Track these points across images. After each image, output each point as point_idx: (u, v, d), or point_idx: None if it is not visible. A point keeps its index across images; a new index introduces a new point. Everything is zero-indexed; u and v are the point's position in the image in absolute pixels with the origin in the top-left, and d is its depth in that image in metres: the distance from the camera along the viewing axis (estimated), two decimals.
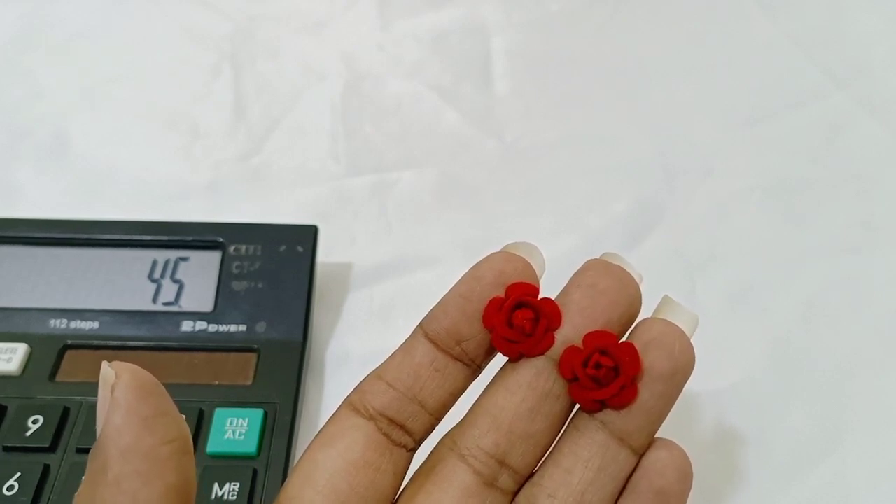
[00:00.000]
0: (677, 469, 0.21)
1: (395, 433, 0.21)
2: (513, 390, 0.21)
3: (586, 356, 0.21)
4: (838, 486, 0.30)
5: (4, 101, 0.44)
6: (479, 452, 0.21)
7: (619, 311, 0.21)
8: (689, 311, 0.22)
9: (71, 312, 0.32)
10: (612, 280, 0.21)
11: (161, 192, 0.40)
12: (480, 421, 0.21)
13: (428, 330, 0.22)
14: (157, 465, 0.18)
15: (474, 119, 0.43)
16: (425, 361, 0.21)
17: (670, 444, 0.21)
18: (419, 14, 0.48)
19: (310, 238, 0.34)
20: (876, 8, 0.48)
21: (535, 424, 0.21)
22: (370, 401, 0.22)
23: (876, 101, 0.43)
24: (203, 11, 0.48)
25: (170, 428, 0.19)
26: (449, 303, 0.22)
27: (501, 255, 0.22)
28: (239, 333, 0.32)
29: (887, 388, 0.33)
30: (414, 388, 0.21)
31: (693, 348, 0.21)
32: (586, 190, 0.40)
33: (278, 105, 0.44)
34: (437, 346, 0.22)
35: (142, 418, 0.18)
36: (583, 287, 0.22)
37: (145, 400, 0.19)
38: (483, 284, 0.21)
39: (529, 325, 0.21)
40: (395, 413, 0.21)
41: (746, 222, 0.39)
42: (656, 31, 0.48)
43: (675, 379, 0.21)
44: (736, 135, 0.42)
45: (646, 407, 0.21)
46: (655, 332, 0.21)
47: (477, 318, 0.21)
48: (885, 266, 0.37)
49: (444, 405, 0.22)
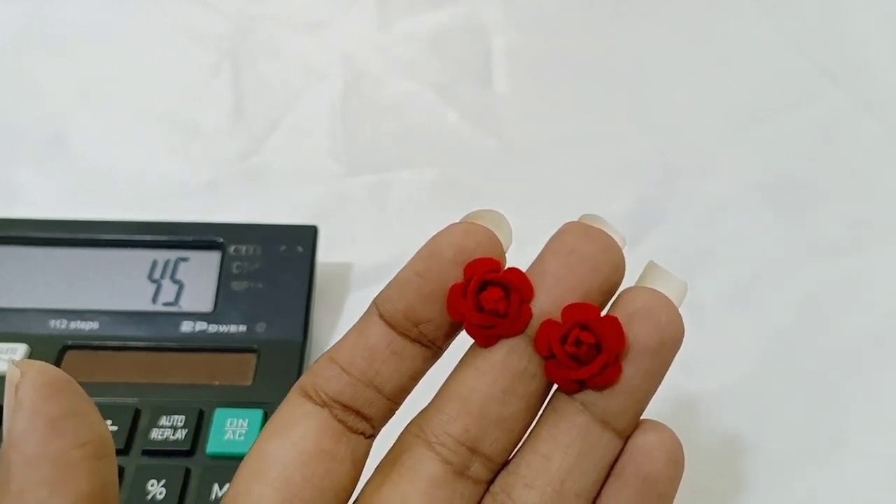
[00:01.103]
0: (666, 452, 0.19)
1: (351, 420, 0.20)
2: (483, 370, 0.19)
3: (565, 331, 0.19)
4: (838, 486, 0.31)
5: (4, 101, 0.44)
6: (448, 439, 0.19)
7: (600, 278, 0.19)
8: (676, 278, 0.20)
9: (71, 313, 0.32)
10: (593, 244, 0.19)
11: (161, 191, 0.40)
12: (448, 405, 0.20)
13: (382, 310, 0.20)
14: (67, 472, 0.17)
15: (474, 119, 0.43)
16: (381, 344, 0.19)
17: (658, 425, 0.20)
18: (419, 14, 0.48)
19: (310, 238, 0.34)
20: (875, 8, 0.48)
21: (508, 407, 0.19)
22: (323, 386, 0.20)
23: (875, 100, 0.43)
24: (203, 11, 0.48)
25: (81, 430, 0.17)
26: (404, 282, 0.20)
27: (461, 227, 0.20)
28: (239, 334, 0.32)
29: (887, 387, 0.33)
30: (369, 372, 0.19)
31: (681, 318, 0.19)
32: (586, 190, 0.40)
33: (278, 105, 0.44)
34: (393, 327, 0.20)
35: (48, 420, 0.17)
36: (560, 253, 0.19)
37: (53, 399, 0.17)
38: (442, 263, 0.19)
39: (502, 305, 0.19)
40: (350, 399, 0.20)
41: (746, 222, 0.39)
42: (656, 31, 0.48)
43: (663, 353, 0.19)
44: (735, 134, 0.42)
45: (630, 385, 0.19)
46: (640, 302, 0.19)
47: (435, 300, 0.19)
48: (885, 266, 0.37)
49: (403, 389, 0.20)
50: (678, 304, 0.19)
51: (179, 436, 0.29)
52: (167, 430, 0.29)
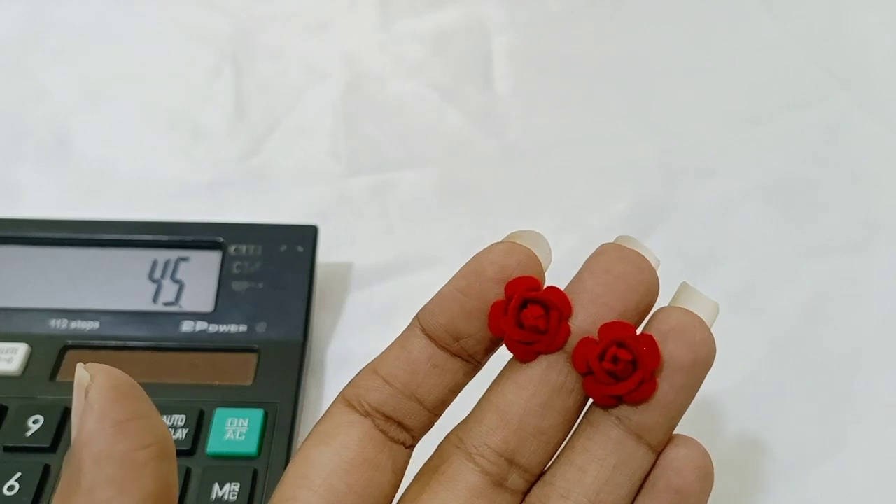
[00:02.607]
0: (697, 468, 0.20)
1: (392, 430, 0.21)
2: (522, 385, 0.20)
3: (602, 349, 0.19)
4: (839, 486, 0.30)
5: (5, 102, 0.44)
6: (487, 451, 0.20)
7: (636, 298, 0.20)
8: (708, 299, 0.21)
9: (71, 312, 0.32)
10: (628, 265, 0.20)
11: (161, 191, 0.40)
12: (488, 417, 0.20)
13: (425, 325, 0.20)
14: (133, 472, 0.18)
15: (475, 119, 0.43)
16: (422, 357, 0.20)
17: (690, 440, 0.20)
18: (420, 14, 0.48)
19: (310, 238, 0.34)
20: (876, 8, 0.47)
21: (546, 420, 0.20)
22: (366, 397, 0.20)
23: (877, 101, 0.43)
24: (204, 11, 0.48)
25: (146, 432, 0.18)
26: (447, 298, 0.20)
27: (503, 246, 0.20)
28: (239, 334, 0.32)
29: (888, 387, 0.33)
30: (411, 384, 0.20)
31: (713, 338, 0.20)
32: (587, 190, 0.40)
33: (279, 105, 0.44)
34: (434, 341, 0.20)
35: (116, 422, 0.18)
36: (597, 273, 0.20)
37: (120, 403, 0.18)
38: (483, 280, 0.20)
39: (542, 322, 0.19)
40: (392, 410, 0.20)
41: (747, 222, 0.39)
42: (657, 30, 0.47)
43: (696, 371, 0.20)
44: (737, 135, 0.42)
45: (665, 401, 0.20)
46: (674, 321, 0.20)
47: (476, 316, 0.20)
48: (886, 266, 0.37)
49: (443, 402, 0.21)
50: (710, 324, 0.20)
51: (180, 435, 0.29)
52: None
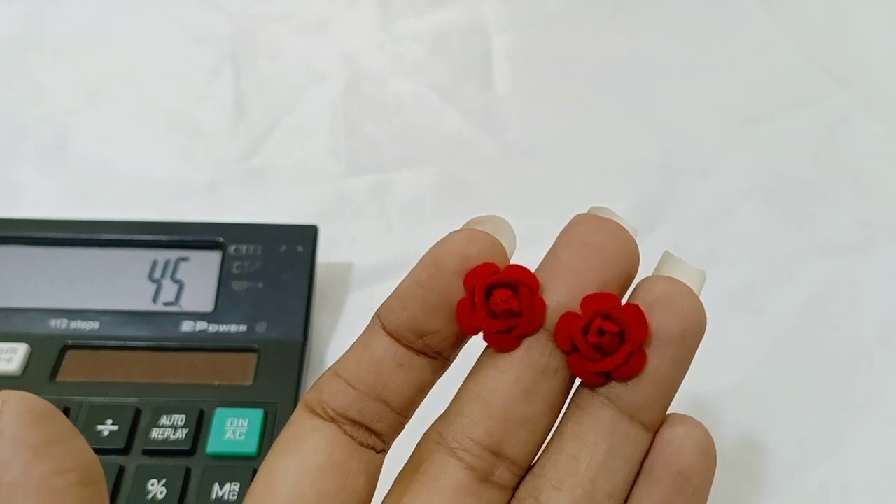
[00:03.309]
0: (698, 447, 0.18)
1: (360, 435, 0.19)
2: (503, 370, 0.19)
3: (586, 322, 0.18)
4: (839, 487, 0.30)
5: (5, 101, 0.44)
6: (471, 444, 0.19)
7: (616, 269, 0.19)
8: (694, 267, 0.19)
9: (71, 312, 0.32)
10: (606, 235, 0.19)
11: (161, 191, 0.40)
12: (469, 408, 0.19)
13: (386, 323, 0.19)
14: (51, 499, 0.16)
15: (475, 119, 0.43)
16: (386, 357, 0.19)
17: (687, 418, 0.19)
18: (420, 14, 0.48)
19: (310, 238, 0.34)
20: (876, 8, 0.48)
21: (531, 407, 0.18)
22: (329, 402, 0.19)
23: (876, 101, 0.43)
24: (203, 11, 0.48)
25: (65, 456, 0.17)
26: (407, 293, 0.19)
27: (463, 234, 0.19)
28: (239, 333, 0.32)
29: (888, 387, 0.33)
30: (376, 386, 0.19)
31: (703, 306, 0.19)
32: (586, 190, 0.40)
33: (279, 105, 0.44)
34: (397, 339, 0.19)
35: (31, 447, 0.16)
36: (573, 245, 0.19)
37: (35, 427, 0.17)
38: (444, 273, 0.19)
39: (514, 303, 0.18)
40: (358, 414, 0.19)
41: (747, 222, 0.39)
42: (656, 30, 0.47)
43: (686, 342, 0.18)
44: (736, 135, 0.42)
45: (656, 376, 0.18)
46: (659, 290, 0.19)
47: (439, 311, 0.19)
48: (886, 266, 0.37)
49: (412, 402, 0.20)
50: (698, 292, 0.19)
51: (180, 435, 0.29)
52: (167, 430, 0.29)
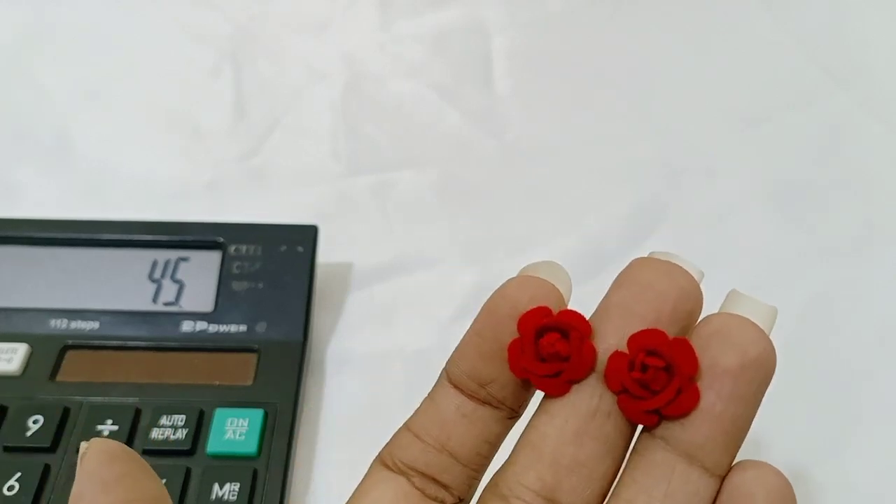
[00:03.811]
0: (770, 491, 0.17)
1: (429, 487, 0.19)
2: (553, 413, 0.18)
3: (631, 359, 0.18)
4: (839, 486, 0.30)
5: (6, 102, 0.44)
6: (523, 490, 0.18)
7: (668, 305, 0.18)
8: (763, 303, 0.18)
9: (71, 312, 0.32)
10: (657, 273, 0.19)
11: (161, 191, 0.40)
12: (520, 455, 0.19)
13: (450, 374, 0.20)
14: None
15: (475, 119, 0.43)
16: (450, 408, 0.19)
17: (759, 463, 0.18)
18: (420, 14, 0.48)
19: (310, 238, 0.34)
20: (876, 8, 0.47)
21: (583, 450, 0.18)
22: (398, 454, 0.20)
23: (877, 101, 0.43)
24: (203, 11, 0.48)
25: (131, 488, 0.18)
26: (466, 343, 0.19)
27: (516, 280, 0.19)
28: (239, 333, 0.32)
29: (888, 387, 0.33)
30: (441, 437, 0.19)
31: (769, 340, 0.18)
32: (586, 190, 0.40)
33: (279, 105, 0.44)
34: (461, 390, 0.19)
35: (102, 481, 0.18)
36: (624, 285, 0.19)
37: (109, 464, 0.18)
38: (498, 318, 0.19)
39: (562, 346, 0.18)
40: (426, 466, 0.19)
41: (747, 223, 0.39)
42: (657, 31, 0.47)
43: (747, 375, 0.17)
44: (737, 135, 0.42)
45: (713, 412, 0.17)
46: (717, 324, 0.18)
47: (496, 358, 0.19)
48: (886, 266, 0.37)
49: (479, 454, 0.19)
50: (767, 329, 0.18)
51: (180, 435, 0.29)
52: (167, 430, 0.29)
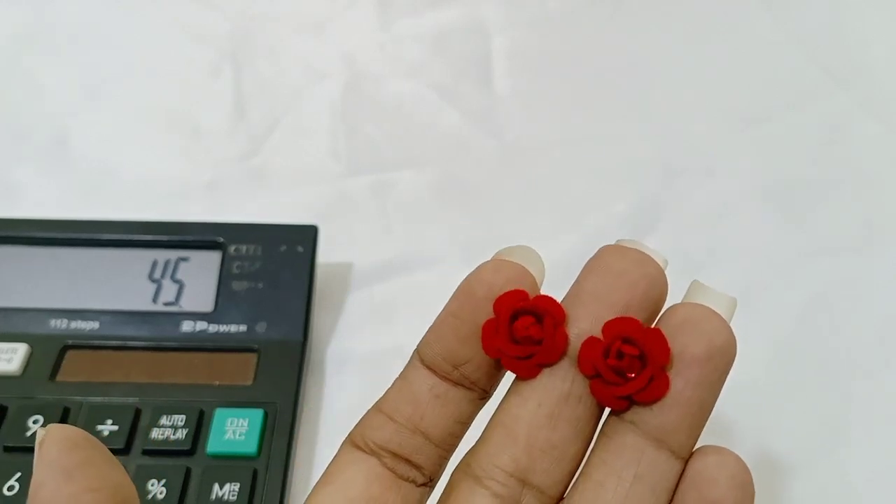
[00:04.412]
0: (731, 476, 0.18)
1: (400, 467, 0.20)
2: (526, 396, 0.19)
3: (606, 345, 0.18)
4: (839, 487, 0.30)
5: (5, 102, 0.44)
6: (496, 471, 0.19)
7: (639, 293, 0.19)
8: (723, 294, 0.19)
9: (71, 312, 0.32)
10: (628, 261, 0.19)
11: (161, 191, 0.40)
12: (493, 436, 0.19)
13: (423, 356, 0.20)
14: None
15: (474, 119, 0.43)
16: (423, 388, 0.20)
17: (720, 448, 0.19)
18: (419, 14, 0.48)
19: (310, 238, 0.34)
20: (876, 8, 0.48)
21: (556, 433, 0.19)
22: (370, 435, 0.20)
23: (876, 101, 0.43)
24: (203, 11, 0.48)
25: (94, 477, 0.18)
26: (441, 324, 0.20)
27: (491, 264, 0.20)
28: (239, 333, 0.32)
29: (888, 387, 0.33)
30: (414, 417, 0.19)
31: (730, 329, 0.19)
32: (586, 190, 0.40)
33: (278, 105, 0.44)
34: (434, 371, 0.20)
35: (64, 469, 0.18)
36: (595, 272, 0.19)
37: (71, 452, 0.18)
38: (474, 300, 0.19)
39: (535, 331, 0.18)
40: (398, 446, 0.20)
41: (746, 222, 0.39)
42: (656, 31, 0.47)
43: (713, 363, 0.18)
44: (736, 135, 0.42)
45: (681, 399, 0.18)
46: (683, 315, 0.19)
47: (471, 339, 0.19)
48: (886, 266, 0.37)
49: (451, 434, 0.20)
50: (727, 318, 0.19)
51: (180, 435, 0.29)
52: (167, 430, 0.29)
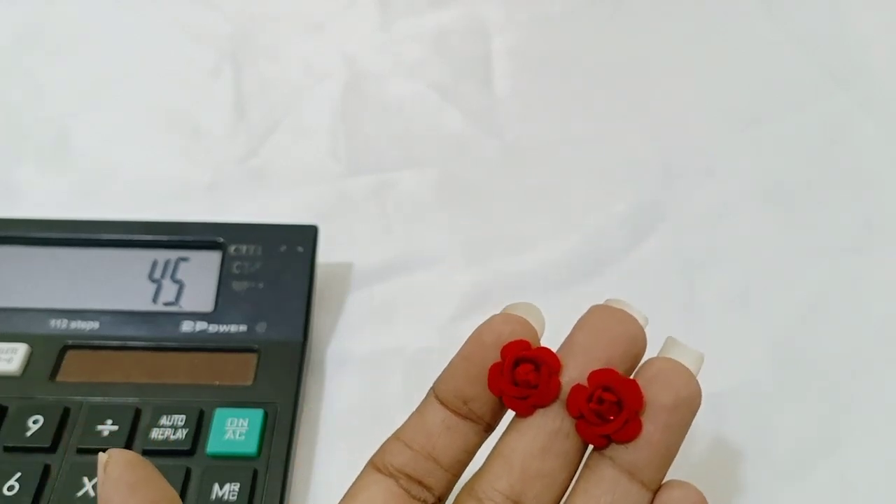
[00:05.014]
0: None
1: (414, 489, 0.23)
2: (523, 432, 0.22)
3: (590, 392, 0.22)
4: (838, 487, 0.30)
5: (6, 102, 0.44)
6: (496, 494, 0.22)
7: (620, 348, 0.22)
8: (692, 350, 0.23)
9: (71, 312, 0.32)
10: (612, 320, 0.23)
11: (161, 192, 0.40)
12: (494, 464, 0.23)
13: (438, 392, 0.23)
14: None
15: (475, 119, 0.43)
16: (436, 421, 0.23)
17: (685, 483, 0.22)
18: (420, 14, 0.48)
19: (310, 238, 0.34)
20: (876, 8, 0.48)
21: (547, 463, 0.22)
22: (389, 459, 0.23)
23: (876, 101, 0.43)
24: (203, 11, 0.48)
25: (154, 489, 0.22)
26: (454, 366, 0.23)
27: (500, 317, 0.23)
28: (239, 334, 0.32)
29: (887, 388, 0.33)
30: (427, 446, 0.23)
31: (697, 382, 0.22)
32: (586, 190, 0.40)
33: (279, 105, 0.44)
34: (446, 406, 0.23)
35: (128, 484, 0.21)
36: (584, 329, 0.23)
37: (131, 470, 0.21)
38: (484, 347, 0.23)
39: (533, 377, 0.22)
40: (413, 470, 0.23)
41: (746, 222, 0.39)
42: (656, 31, 0.48)
43: (679, 411, 0.22)
44: (736, 135, 0.42)
45: (652, 440, 0.22)
46: (656, 368, 0.22)
47: (479, 380, 0.23)
48: (886, 266, 0.37)
49: (459, 461, 0.23)
50: (695, 371, 0.22)
51: (180, 435, 0.29)
52: (167, 430, 0.29)
